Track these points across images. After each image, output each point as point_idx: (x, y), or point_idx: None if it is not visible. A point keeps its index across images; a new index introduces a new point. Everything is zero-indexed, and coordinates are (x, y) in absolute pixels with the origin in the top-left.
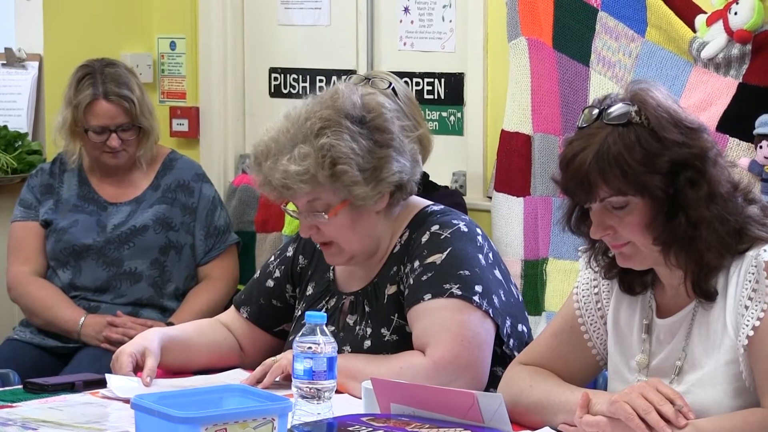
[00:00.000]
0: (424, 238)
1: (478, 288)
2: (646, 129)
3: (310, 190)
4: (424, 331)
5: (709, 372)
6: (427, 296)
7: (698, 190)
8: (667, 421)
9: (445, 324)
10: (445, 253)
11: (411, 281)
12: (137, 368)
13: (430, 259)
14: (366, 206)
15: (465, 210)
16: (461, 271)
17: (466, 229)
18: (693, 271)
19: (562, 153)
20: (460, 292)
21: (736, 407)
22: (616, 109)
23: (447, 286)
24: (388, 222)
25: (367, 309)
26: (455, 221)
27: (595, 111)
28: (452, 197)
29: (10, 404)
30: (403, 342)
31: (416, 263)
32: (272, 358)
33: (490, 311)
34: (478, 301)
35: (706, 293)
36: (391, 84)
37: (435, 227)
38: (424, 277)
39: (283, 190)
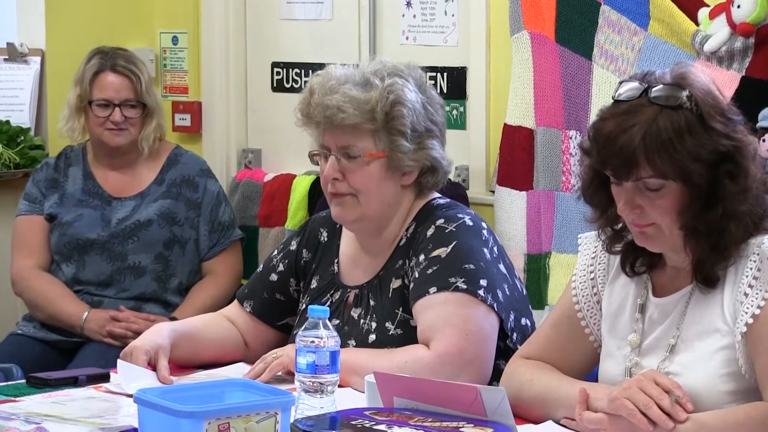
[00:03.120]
0: (429, 232)
1: (483, 282)
2: (694, 116)
3: (360, 121)
4: (429, 324)
5: (701, 355)
6: (432, 290)
7: (736, 184)
8: (668, 414)
9: (450, 318)
10: (450, 246)
11: (416, 275)
12: (149, 364)
13: (435, 253)
14: (400, 167)
15: (467, 202)
16: (466, 265)
17: (471, 223)
18: (705, 258)
19: (601, 125)
20: (465, 286)
21: (728, 392)
22: (665, 89)
23: (452, 279)
24: (405, 203)
25: (372, 303)
26: (460, 215)
27: (638, 86)
28: (454, 189)
29: (13, 398)
30: (408, 336)
31: (421, 257)
32: (272, 353)
33: (495, 305)
34: (483, 295)
35: (708, 280)
36: None
37: (440, 221)
38: (429, 271)
39: (337, 112)
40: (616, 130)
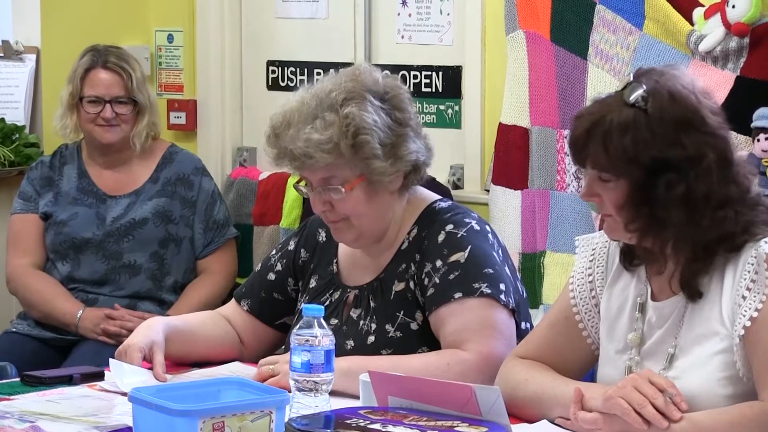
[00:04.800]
0: (440, 238)
1: (503, 286)
2: (644, 117)
3: (331, 160)
4: (460, 328)
5: (700, 359)
6: (458, 295)
7: (670, 192)
8: (662, 413)
9: (484, 322)
10: (467, 251)
11: (437, 280)
12: (144, 360)
13: (453, 258)
14: (382, 183)
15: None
16: (486, 270)
17: (478, 228)
18: (680, 266)
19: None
20: (489, 291)
21: (726, 395)
22: (631, 86)
23: (476, 285)
24: (399, 206)
25: (372, 304)
26: (467, 220)
27: (626, 83)
28: (438, 191)
29: (7, 397)
30: (407, 339)
31: (438, 263)
32: (268, 367)
33: (515, 309)
34: (504, 299)
35: (690, 290)
36: None
37: (449, 226)
38: (452, 276)
39: (305, 159)
40: (578, 114)
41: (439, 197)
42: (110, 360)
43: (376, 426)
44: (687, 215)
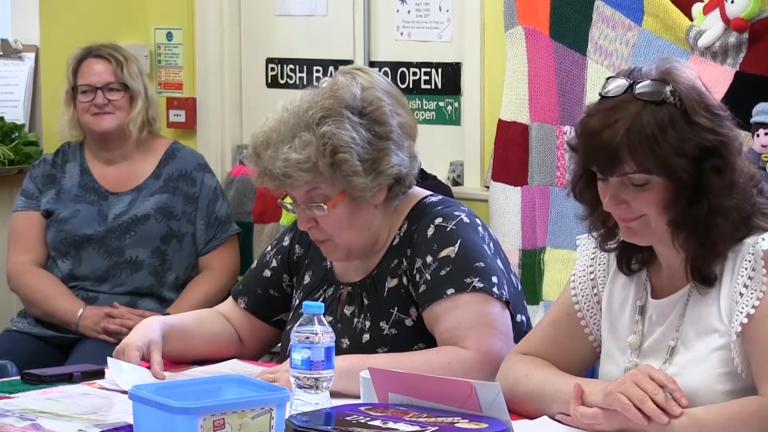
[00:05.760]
0: (430, 232)
1: (495, 279)
2: (678, 111)
3: (310, 179)
4: (456, 325)
5: (699, 355)
6: (450, 291)
7: (722, 178)
8: (663, 409)
9: (479, 318)
10: (457, 245)
11: (428, 277)
12: (142, 359)
13: (443, 253)
14: (364, 198)
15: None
16: (477, 263)
17: (467, 220)
18: (697, 256)
19: (586, 122)
20: (481, 285)
21: (725, 391)
22: (650, 85)
23: (468, 280)
24: (386, 215)
25: (365, 302)
26: (456, 212)
27: (624, 82)
28: (439, 188)
29: (8, 395)
30: (402, 336)
31: (428, 258)
32: (268, 376)
33: (509, 301)
34: (497, 292)
35: (705, 278)
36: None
37: (438, 219)
38: (443, 272)
39: (284, 179)
40: (601, 125)
41: (430, 193)
42: (108, 359)
43: (377, 422)
44: (738, 198)
